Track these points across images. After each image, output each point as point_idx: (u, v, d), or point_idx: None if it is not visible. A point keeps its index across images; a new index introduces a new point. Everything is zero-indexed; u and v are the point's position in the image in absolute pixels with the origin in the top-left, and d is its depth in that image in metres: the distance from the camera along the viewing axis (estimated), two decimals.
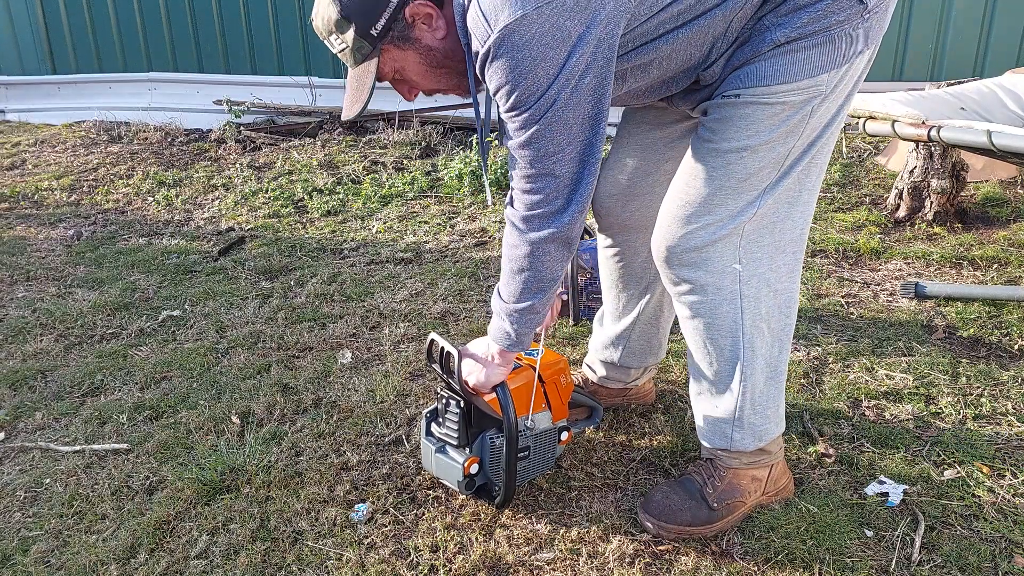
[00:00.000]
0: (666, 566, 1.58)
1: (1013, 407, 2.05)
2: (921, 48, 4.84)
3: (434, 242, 3.57)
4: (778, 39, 1.35)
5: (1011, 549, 1.58)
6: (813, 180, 1.50)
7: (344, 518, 1.74)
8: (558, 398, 1.78)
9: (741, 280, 1.50)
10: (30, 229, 4.03)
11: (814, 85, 1.38)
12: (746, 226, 1.47)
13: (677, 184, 1.52)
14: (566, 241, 1.44)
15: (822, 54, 1.36)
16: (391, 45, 1.41)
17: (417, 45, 1.41)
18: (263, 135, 5.49)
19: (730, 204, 1.45)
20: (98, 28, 6.23)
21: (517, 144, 1.37)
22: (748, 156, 1.42)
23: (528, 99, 1.30)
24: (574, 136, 1.34)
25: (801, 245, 1.54)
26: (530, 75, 1.27)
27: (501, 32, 1.25)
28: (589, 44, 1.26)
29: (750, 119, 1.40)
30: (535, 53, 1.25)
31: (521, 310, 1.50)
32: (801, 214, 1.51)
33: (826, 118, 1.44)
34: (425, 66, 1.45)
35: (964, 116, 2.69)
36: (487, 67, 1.31)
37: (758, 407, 1.60)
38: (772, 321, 1.55)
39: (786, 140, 1.41)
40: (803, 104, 1.39)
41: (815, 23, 1.34)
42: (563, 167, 1.37)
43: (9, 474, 1.99)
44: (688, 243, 1.48)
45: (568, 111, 1.31)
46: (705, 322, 1.55)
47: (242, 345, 2.61)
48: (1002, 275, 2.88)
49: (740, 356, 1.55)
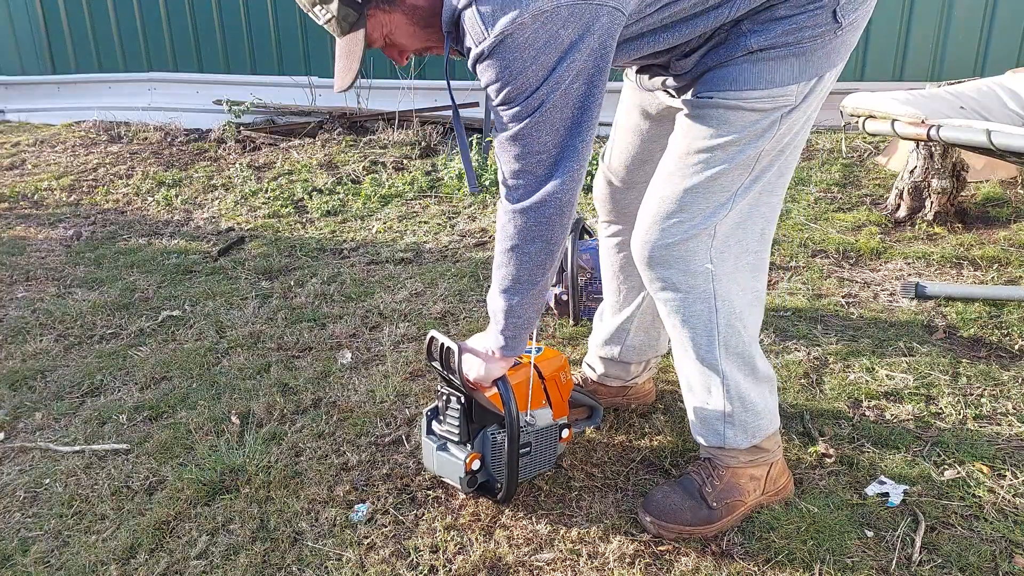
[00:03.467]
0: (666, 566, 1.57)
1: (1013, 407, 2.05)
2: (922, 48, 4.84)
3: (434, 242, 3.57)
4: (752, 46, 1.40)
5: (1011, 549, 1.58)
6: (780, 184, 1.56)
7: (344, 518, 1.74)
8: (558, 395, 1.78)
9: (714, 279, 1.53)
10: (30, 229, 4.02)
11: (783, 95, 1.42)
12: (718, 226, 1.51)
13: (654, 183, 1.57)
14: (545, 240, 1.44)
15: (793, 65, 1.41)
16: (376, 9, 1.38)
17: (402, 6, 1.39)
18: (263, 135, 5.49)
19: (701, 203, 1.49)
20: (98, 28, 6.22)
21: (505, 138, 1.39)
22: (718, 154, 1.46)
23: (517, 97, 1.32)
24: (560, 139, 1.36)
25: (765, 245, 1.60)
26: (521, 76, 1.30)
27: (497, 37, 1.28)
28: (581, 52, 1.29)
29: (720, 119, 1.45)
30: (527, 56, 1.28)
31: (506, 310, 1.52)
32: (763, 215, 1.56)
33: (795, 128, 1.49)
34: (413, 26, 1.42)
35: (964, 115, 2.69)
36: (479, 64, 1.34)
37: (747, 404, 1.62)
38: (744, 318, 1.58)
39: (755, 143, 1.45)
40: (772, 111, 1.44)
41: (789, 35, 1.38)
42: (546, 167, 1.39)
43: (9, 474, 1.99)
44: (663, 240, 1.52)
45: (556, 113, 1.33)
46: (682, 319, 1.58)
47: (242, 345, 2.61)
48: (1002, 275, 2.87)
49: (717, 354, 1.58)
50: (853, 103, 2.76)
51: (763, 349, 2.12)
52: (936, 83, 3.14)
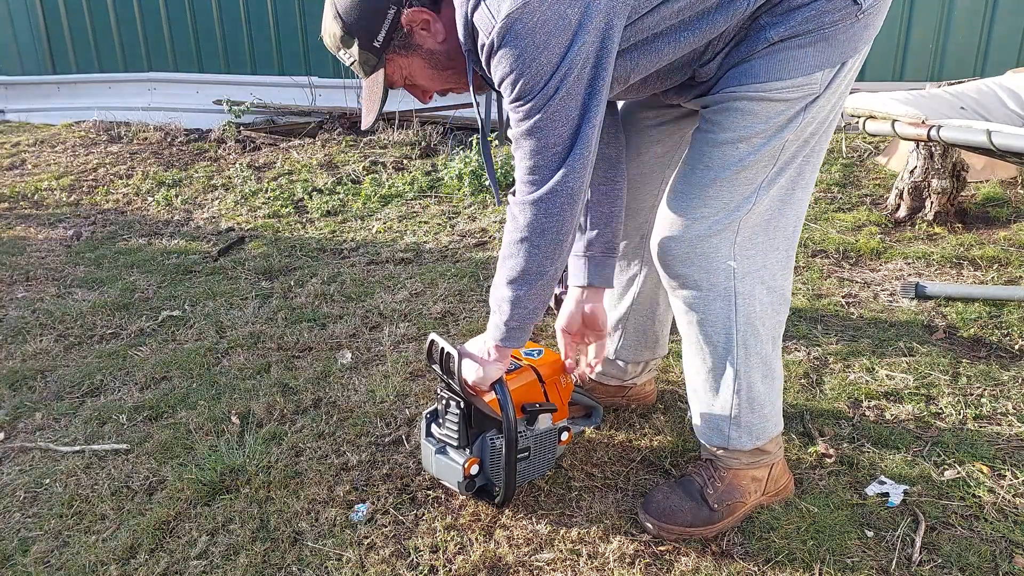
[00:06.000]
0: (666, 567, 1.57)
1: (1013, 407, 2.05)
2: (922, 48, 4.84)
3: (434, 242, 3.57)
4: (772, 37, 1.38)
5: (1011, 549, 1.58)
6: (807, 178, 1.53)
7: (344, 518, 1.74)
8: (558, 398, 1.78)
9: (735, 277, 1.51)
10: (30, 229, 4.02)
11: (808, 83, 1.40)
12: (742, 222, 1.48)
13: (677, 177, 1.55)
14: (555, 231, 1.44)
15: (816, 52, 1.39)
16: (395, 54, 1.46)
17: (420, 51, 1.47)
18: (263, 135, 5.49)
19: (725, 197, 1.47)
20: (98, 28, 6.23)
21: (520, 134, 1.39)
22: (743, 147, 1.44)
23: (532, 88, 1.32)
24: (574, 128, 1.36)
25: (793, 242, 1.57)
26: (534, 64, 1.30)
27: (505, 21, 1.28)
28: (590, 34, 1.29)
29: (745, 112, 1.43)
30: (538, 41, 1.28)
31: (512, 300, 1.50)
32: (794, 212, 1.53)
33: (820, 116, 1.46)
34: (431, 69, 1.49)
35: (964, 115, 2.69)
36: (493, 57, 1.34)
37: (755, 406, 1.61)
38: (766, 319, 1.56)
39: (780, 133, 1.44)
40: (798, 101, 1.42)
41: (809, 22, 1.37)
42: (560, 158, 1.38)
43: (9, 474, 1.99)
44: (684, 236, 1.50)
45: (569, 102, 1.33)
46: (699, 318, 1.56)
47: (242, 345, 2.61)
48: (1002, 275, 2.87)
49: (734, 354, 1.57)
50: (853, 103, 2.76)
51: None
52: (936, 83, 3.14)
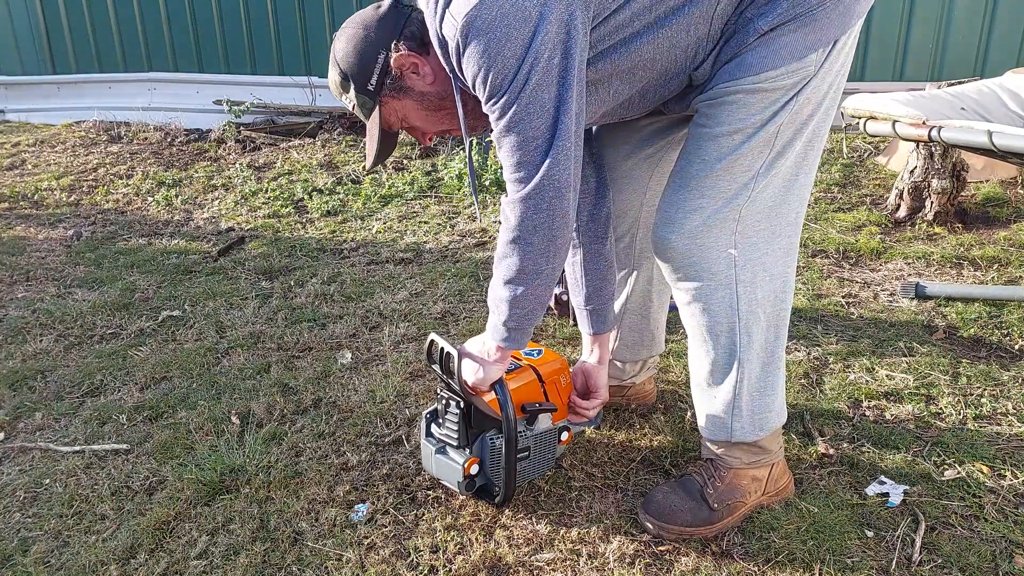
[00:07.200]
0: (666, 566, 1.57)
1: (1013, 407, 2.05)
2: (922, 48, 4.84)
3: (434, 242, 3.57)
4: (762, 27, 1.39)
5: (1012, 549, 1.58)
6: (810, 163, 1.52)
7: (344, 518, 1.74)
8: (558, 398, 1.78)
9: (737, 265, 1.51)
10: (30, 229, 4.02)
11: (803, 67, 1.40)
12: (742, 210, 1.48)
13: (674, 171, 1.55)
14: (547, 227, 1.43)
15: (807, 35, 1.39)
16: (389, 97, 1.52)
17: (412, 93, 1.52)
18: (263, 135, 5.49)
19: (723, 186, 1.47)
20: (98, 28, 6.22)
21: (500, 133, 1.40)
22: (738, 137, 1.45)
23: (503, 82, 1.33)
24: (551, 119, 1.36)
25: (796, 230, 1.56)
26: (499, 56, 1.31)
27: (465, 19, 1.30)
28: (552, 24, 1.30)
29: (740, 105, 1.43)
30: (500, 34, 1.30)
31: (509, 300, 1.50)
32: (797, 198, 1.53)
33: (816, 97, 1.45)
34: (424, 111, 1.55)
35: (964, 116, 2.69)
36: (461, 59, 1.36)
37: (756, 394, 1.61)
38: (767, 307, 1.56)
39: (774, 119, 1.44)
40: (793, 86, 1.42)
41: (797, 6, 1.37)
42: (542, 152, 1.38)
43: (9, 474, 1.99)
44: (684, 228, 1.50)
45: (542, 92, 1.34)
46: (701, 307, 1.56)
47: (242, 345, 2.61)
48: (1002, 275, 2.87)
49: (736, 342, 1.56)
50: (854, 104, 2.76)
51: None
52: (936, 83, 3.14)
